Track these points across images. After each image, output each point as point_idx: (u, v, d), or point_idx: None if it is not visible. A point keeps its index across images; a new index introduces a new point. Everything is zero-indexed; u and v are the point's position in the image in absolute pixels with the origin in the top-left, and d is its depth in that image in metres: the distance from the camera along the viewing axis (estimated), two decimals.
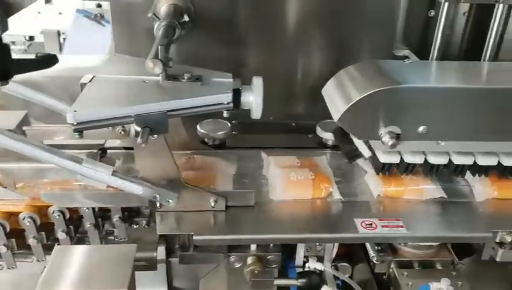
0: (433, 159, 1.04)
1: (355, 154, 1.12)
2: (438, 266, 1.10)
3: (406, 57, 1.42)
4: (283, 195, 1.07)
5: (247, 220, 1.02)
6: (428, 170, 1.07)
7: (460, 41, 1.40)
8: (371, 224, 1.01)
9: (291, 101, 1.55)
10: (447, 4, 1.21)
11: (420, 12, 1.45)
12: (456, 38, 1.45)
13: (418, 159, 1.04)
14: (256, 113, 1.01)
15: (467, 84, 1.00)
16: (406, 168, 1.06)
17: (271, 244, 1.07)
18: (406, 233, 0.99)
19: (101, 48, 2.01)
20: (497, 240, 1.02)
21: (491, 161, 1.05)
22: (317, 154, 1.25)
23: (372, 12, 1.44)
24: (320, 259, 1.13)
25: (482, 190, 1.10)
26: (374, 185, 1.11)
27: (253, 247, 1.06)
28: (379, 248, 1.09)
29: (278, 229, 1.01)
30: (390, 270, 1.09)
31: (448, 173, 1.08)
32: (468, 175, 1.10)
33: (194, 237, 0.96)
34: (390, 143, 0.98)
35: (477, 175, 1.09)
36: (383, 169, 1.06)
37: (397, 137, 1.00)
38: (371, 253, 1.07)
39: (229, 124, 1.29)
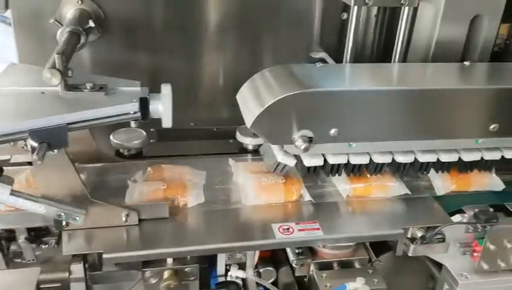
0: (401, 158, 1.08)
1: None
2: (357, 265, 1.12)
3: (323, 60, 1.45)
4: (256, 200, 1.08)
5: (162, 233, 0.99)
6: (396, 169, 1.11)
7: (372, 44, 1.44)
8: (288, 229, 1.01)
9: (212, 106, 1.53)
10: (356, 8, 1.24)
11: (334, 15, 1.48)
12: (370, 41, 1.50)
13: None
14: (167, 122, 0.98)
15: (375, 87, 1.02)
16: (375, 169, 1.10)
17: (188, 257, 1.04)
18: (322, 235, 1.00)
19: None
20: (409, 235, 1.05)
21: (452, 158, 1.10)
22: None
23: (288, 15, 1.46)
24: (243, 266, 1.12)
25: (441, 184, 1.15)
26: (342, 186, 1.14)
27: (169, 260, 1.03)
28: (299, 250, 1.09)
29: (193, 240, 0.98)
30: (311, 272, 1.09)
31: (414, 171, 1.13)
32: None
33: (104, 256, 0.91)
34: (303, 147, 0.98)
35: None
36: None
37: (310, 140, 1.00)
38: (291, 257, 1.07)
39: (144, 133, 1.25)
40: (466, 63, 1.17)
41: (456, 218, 1.09)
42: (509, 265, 1.08)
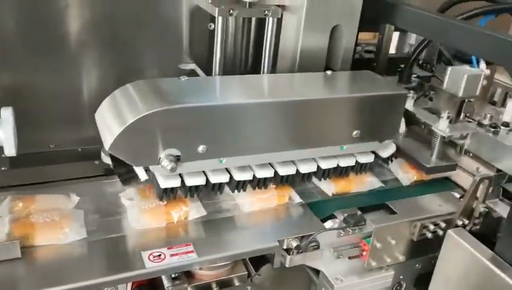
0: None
1: (130, 176, 1.05)
2: (236, 282, 1.09)
3: (193, 71, 1.40)
4: (251, 207, 1.12)
5: (10, 274, 0.86)
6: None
7: (241, 54, 1.43)
8: (159, 255, 0.94)
9: (76, 124, 1.40)
10: (221, 18, 1.22)
11: (202, 25, 1.44)
12: (240, 51, 1.48)
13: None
14: (10, 151, 0.86)
15: (241, 100, 1.00)
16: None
17: None
18: (195, 259, 0.95)
19: None
20: (285, 247, 1.05)
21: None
22: None
23: (155, 26, 1.38)
24: None
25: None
26: (325, 186, 1.21)
27: None
28: (175, 275, 1.03)
29: (45, 281, 0.87)
30: None
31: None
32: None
33: None
34: (169, 167, 0.93)
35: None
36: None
37: (177, 159, 0.95)
38: (166, 283, 1.01)
39: None
40: (328, 72, 1.21)
41: (328, 224, 1.11)
42: (394, 259, 1.14)
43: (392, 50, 1.67)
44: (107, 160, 1.20)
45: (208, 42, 1.46)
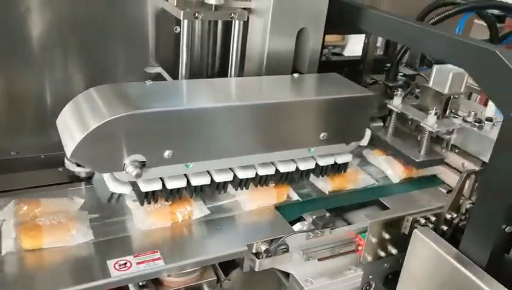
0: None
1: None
2: (205, 288, 1.08)
3: (159, 75, 1.39)
4: (251, 205, 1.14)
5: None
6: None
7: (207, 57, 1.42)
8: (125, 263, 0.92)
9: (39, 130, 1.37)
10: (186, 21, 1.21)
11: (168, 28, 1.42)
12: (207, 54, 1.47)
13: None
14: None
15: (206, 104, 0.99)
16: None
17: None
18: (163, 266, 0.94)
19: None
20: (254, 251, 1.04)
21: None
22: None
23: (121, 28, 1.36)
24: None
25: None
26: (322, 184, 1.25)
27: None
28: (143, 283, 1.01)
29: None
30: None
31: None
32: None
33: None
34: (134, 173, 0.91)
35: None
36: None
37: (142, 165, 0.94)
38: None
39: None
40: (295, 75, 1.21)
41: (297, 226, 1.12)
42: (387, 252, 1.15)
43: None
44: (72, 167, 1.17)
45: (174, 45, 1.45)
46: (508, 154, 0.93)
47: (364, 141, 1.23)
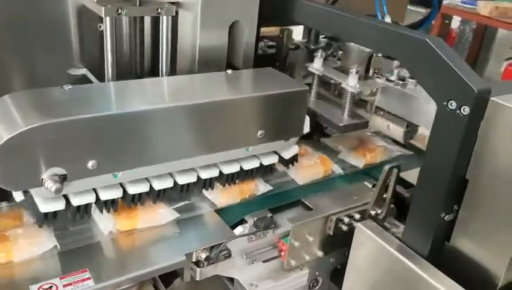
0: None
1: None
2: None
3: (85, 77, 1.29)
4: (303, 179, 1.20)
5: None
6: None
7: (135, 56, 1.34)
8: (51, 287, 0.84)
9: None
10: (108, 18, 1.12)
11: (92, 26, 1.33)
12: (136, 53, 1.39)
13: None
14: None
15: (130, 108, 0.92)
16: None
17: None
18: (93, 286, 0.86)
19: None
20: (194, 259, 0.99)
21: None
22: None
23: (40, 27, 1.25)
24: None
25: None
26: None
27: None
28: None
29: None
30: None
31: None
32: None
33: None
34: (54, 189, 0.83)
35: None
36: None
37: (63, 179, 0.86)
38: None
39: None
40: (229, 71, 1.16)
41: (238, 230, 1.07)
42: (313, 255, 1.12)
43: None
44: None
45: (100, 44, 1.36)
46: (443, 142, 0.93)
47: (306, 129, 1.18)
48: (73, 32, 1.30)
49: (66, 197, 0.91)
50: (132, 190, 0.97)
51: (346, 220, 1.13)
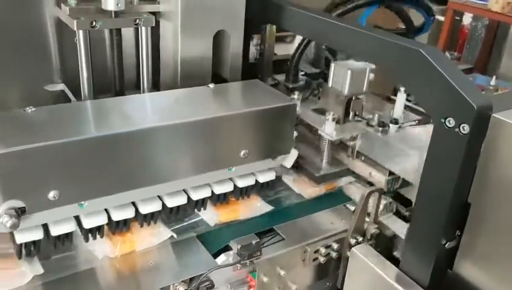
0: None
1: None
2: None
3: (63, 93, 1.22)
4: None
5: None
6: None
7: (115, 70, 1.26)
8: None
9: None
10: (82, 32, 1.05)
11: (71, 40, 1.25)
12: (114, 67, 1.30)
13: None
14: None
15: (97, 133, 0.84)
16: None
17: None
18: None
19: None
20: None
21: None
22: None
23: (17, 40, 1.18)
24: None
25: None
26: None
27: None
28: None
29: None
30: None
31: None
32: None
33: None
34: (9, 224, 0.76)
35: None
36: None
37: (22, 212, 0.79)
38: None
39: None
40: (211, 85, 1.08)
41: (221, 258, 0.99)
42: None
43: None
44: None
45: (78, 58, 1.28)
46: (441, 164, 0.83)
47: (289, 162, 1.10)
48: (53, 47, 1.23)
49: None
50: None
51: (323, 250, 1.04)
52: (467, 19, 3.83)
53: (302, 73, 1.42)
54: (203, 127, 0.94)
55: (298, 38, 1.39)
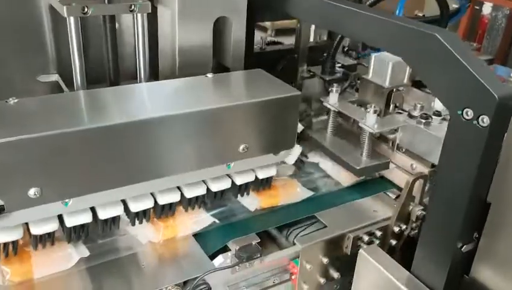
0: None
1: None
2: None
3: (58, 83, 1.17)
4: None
5: None
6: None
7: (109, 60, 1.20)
8: None
9: None
10: (73, 18, 1.00)
11: (66, 29, 1.19)
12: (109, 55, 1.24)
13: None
14: None
15: (79, 126, 0.77)
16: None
17: None
18: None
19: None
20: None
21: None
22: None
23: (12, 30, 1.13)
24: None
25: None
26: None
27: None
28: None
29: None
30: None
31: None
32: None
33: None
34: None
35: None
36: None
37: (1, 210, 0.73)
38: None
39: None
40: (209, 75, 1.02)
41: (219, 260, 0.92)
42: (329, 278, 1.00)
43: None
44: None
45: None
46: (458, 159, 0.76)
47: (291, 159, 1.04)
48: (48, 36, 1.18)
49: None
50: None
51: (366, 238, 1.01)
52: (487, 8, 3.70)
53: (339, 65, 1.36)
54: (198, 119, 0.87)
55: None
